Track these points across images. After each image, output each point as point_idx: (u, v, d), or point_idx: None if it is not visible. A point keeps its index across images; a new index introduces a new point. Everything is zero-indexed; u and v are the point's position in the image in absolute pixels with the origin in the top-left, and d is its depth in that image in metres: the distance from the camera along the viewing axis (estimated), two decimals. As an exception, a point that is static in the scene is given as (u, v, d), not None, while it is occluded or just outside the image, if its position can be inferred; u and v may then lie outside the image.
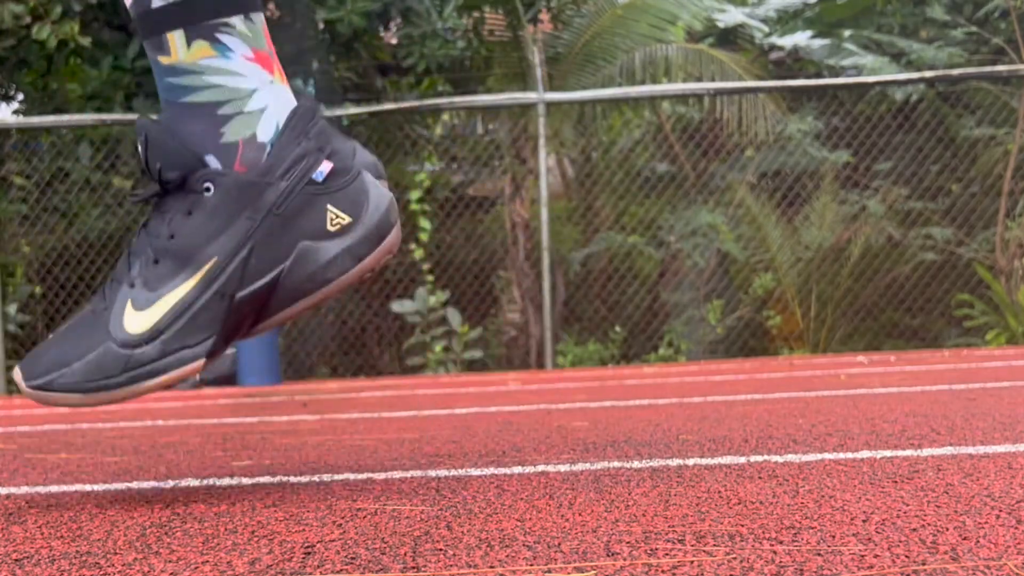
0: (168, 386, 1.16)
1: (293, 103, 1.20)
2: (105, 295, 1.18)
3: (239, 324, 1.16)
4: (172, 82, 1.17)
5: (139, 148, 1.18)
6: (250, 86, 1.17)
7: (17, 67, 7.57)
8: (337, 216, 1.17)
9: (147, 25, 1.17)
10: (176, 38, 1.16)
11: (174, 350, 1.15)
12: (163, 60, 1.17)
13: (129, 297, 1.16)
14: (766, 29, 9.06)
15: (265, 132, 1.17)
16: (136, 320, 1.15)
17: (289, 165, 1.17)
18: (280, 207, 1.16)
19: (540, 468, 1.38)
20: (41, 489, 1.40)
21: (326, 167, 1.18)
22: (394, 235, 1.19)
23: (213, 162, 1.17)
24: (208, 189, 1.16)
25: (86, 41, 6.64)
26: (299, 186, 1.17)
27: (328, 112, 7.83)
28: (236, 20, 1.17)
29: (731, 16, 8.97)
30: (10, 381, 6.98)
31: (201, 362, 1.15)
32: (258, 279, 1.16)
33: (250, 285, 1.15)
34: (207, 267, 1.15)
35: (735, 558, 0.78)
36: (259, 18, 1.19)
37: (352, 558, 0.85)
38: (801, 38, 8.85)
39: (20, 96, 7.91)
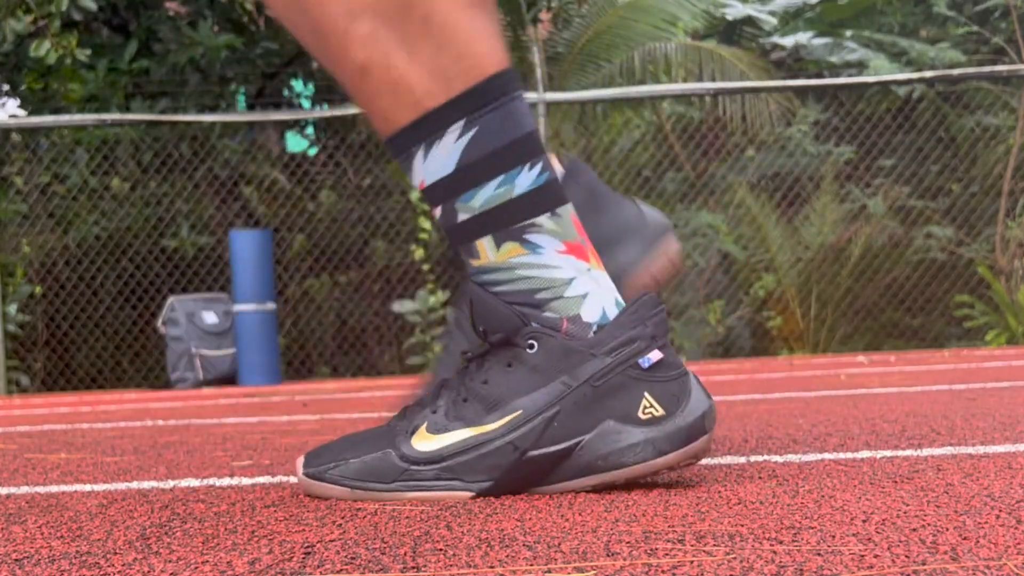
0: (426, 501, 1.18)
1: (616, 291, 1.22)
2: (405, 414, 1.22)
3: (518, 481, 1.18)
4: (484, 278, 1.20)
5: (467, 311, 1.21)
6: (566, 276, 1.19)
7: (16, 69, 7.57)
8: (651, 405, 1.18)
9: (455, 235, 1.20)
10: (485, 244, 1.19)
11: (448, 479, 1.17)
12: (473, 263, 1.21)
13: (427, 420, 1.20)
14: (774, 21, 9.05)
15: (590, 314, 1.19)
16: (425, 442, 1.19)
17: (618, 345, 1.18)
18: (598, 381, 1.17)
19: (540, 468, 1.38)
20: (41, 489, 1.40)
21: (655, 356, 1.18)
22: (702, 443, 1.19)
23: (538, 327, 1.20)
24: (532, 347, 1.18)
25: (83, 55, 6.61)
26: (622, 366, 1.17)
27: (329, 112, 7.83)
28: (542, 219, 1.19)
29: (737, 10, 8.96)
30: (10, 381, 6.97)
31: (467, 498, 1.17)
32: (555, 443, 1.17)
33: (545, 446, 1.17)
34: (511, 417, 1.17)
35: (735, 558, 0.78)
36: (566, 210, 1.21)
37: (352, 558, 0.85)
38: (803, 38, 8.84)
39: (19, 98, 7.91)
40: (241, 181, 7.74)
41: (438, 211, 1.20)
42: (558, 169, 1.37)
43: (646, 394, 1.17)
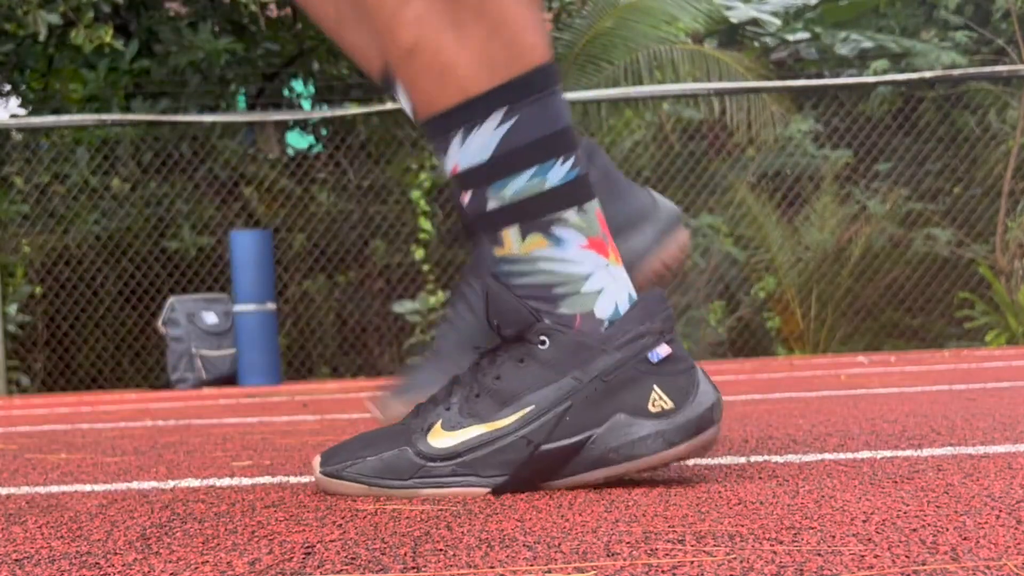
0: (441, 499, 1.19)
1: (631, 285, 1.23)
2: (419, 412, 1.23)
3: (532, 475, 1.19)
4: (505, 269, 1.22)
5: (482, 304, 1.23)
6: (585, 271, 1.21)
7: (16, 68, 7.57)
8: (660, 398, 1.20)
9: (483, 223, 1.21)
10: (511, 233, 1.20)
11: (464, 474, 1.19)
12: (496, 252, 1.22)
13: (441, 417, 1.21)
14: (778, 22, 9.05)
15: (603, 310, 1.21)
16: (441, 439, 1.20)
17: (628, 340, 1.20)
18: (608, 376, 1.19)
19: (540, 468, 1.38)
20: (41, 489, 1.40)
21: (664, 351, 1.20)
22: (711, 433, 1.21)
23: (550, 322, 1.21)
24: (544, 342, 1.20)
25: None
26: (632, 361, 1.19)
27: (329, 112, 7.84)
28: (569, 213, 1.20)
29: (741, 12, 8.97)
30: (10, 381, 6.97)
31: (485, 492, 1.18)
32: (567, 437, 1.18)
33: (558, 440, 1.18)
34: (524, 412, 1.19)
35: (735, 558, 0.78)
36: (592, 206, 1.22)
37: (352, 558, 0.85)
38: (805, 35, 8.85)
39: (19, 98, 7.91)
40: (241, 181, 7.74)
41: (467, 197, 1.21)
42: None
43: (655, 387, 1.19)
